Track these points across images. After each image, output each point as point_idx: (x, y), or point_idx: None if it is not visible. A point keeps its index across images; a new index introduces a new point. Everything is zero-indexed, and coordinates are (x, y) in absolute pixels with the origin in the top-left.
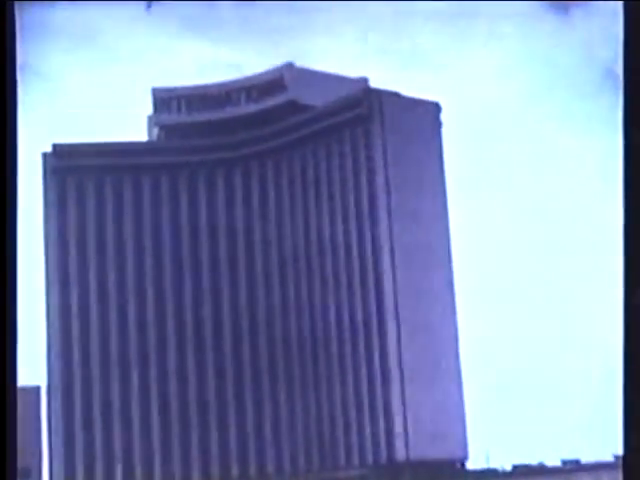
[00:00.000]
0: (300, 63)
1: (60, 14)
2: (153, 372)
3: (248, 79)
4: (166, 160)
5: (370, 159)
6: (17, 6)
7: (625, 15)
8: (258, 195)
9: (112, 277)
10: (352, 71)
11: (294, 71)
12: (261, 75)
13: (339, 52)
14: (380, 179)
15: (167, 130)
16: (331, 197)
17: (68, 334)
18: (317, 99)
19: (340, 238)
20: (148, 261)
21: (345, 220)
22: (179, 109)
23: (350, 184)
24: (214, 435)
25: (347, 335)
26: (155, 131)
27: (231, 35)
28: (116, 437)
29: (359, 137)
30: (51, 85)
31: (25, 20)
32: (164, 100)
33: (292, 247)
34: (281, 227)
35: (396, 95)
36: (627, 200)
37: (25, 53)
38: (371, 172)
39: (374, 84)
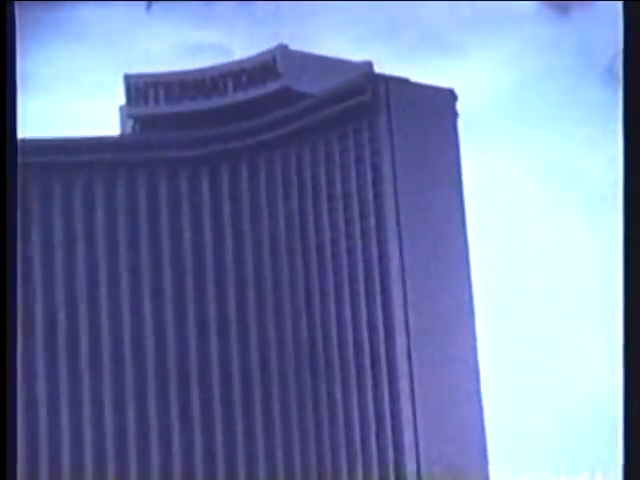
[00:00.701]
0: (295, 47)
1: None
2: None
3: (236, 63)
4: (142, 156)
5: (375, 154)
6: (17, 6)
7: (625, 15)
8: (248, 195)
9: (82, 286)
10: (354, 55)
11: (288, 54)
12: (250, 59)
13: (339, 35)
14: (387, 176)
15: (142, 123)
16: (331, 198)
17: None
18: (315, 86)
19: (342, 243)
20: (123, 271)
21: (348, 223)
22: (156, 98)
23: (353, 183)
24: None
25: (349, 352)
26: (129, 124)
27: (218, 14)
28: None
29: (362, 129)
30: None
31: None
32: (138, 88)
33: (287, 252)
34: (275, 230)
35: (405, 81)
36: (627, 202)
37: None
38: (376, 169)
39: (379, 69)
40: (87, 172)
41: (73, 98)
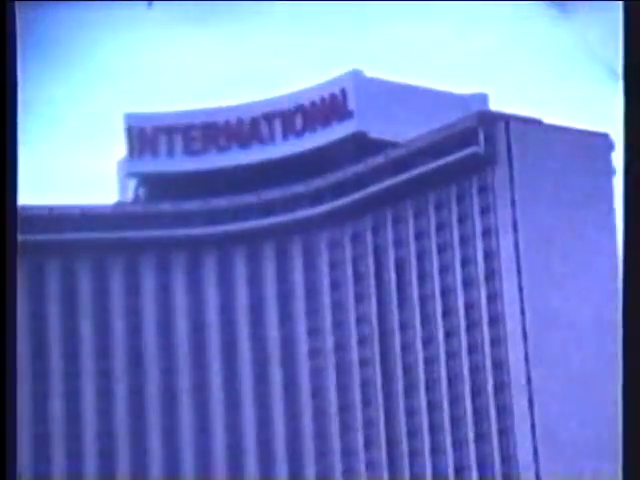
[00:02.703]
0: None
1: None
2: None
3: (288, 99)
4: (150, 235)
5: (493, 232)
6: (17, 6)
7: (625, 15)
8: (329, 281)
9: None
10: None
11: (363, 84)
12: (309, 92)
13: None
14: (507, 256)
15: (150, 184)
16: (444, 269)
17: None
18: (399, 130)
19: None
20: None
21: (470, 308)
22: (170, 149)
23: (457, 257)
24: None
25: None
26: (131, 185)
27: (259, 27)
28: None
29: (473, 191)
30: None
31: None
32: (145, 134)
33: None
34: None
35: (536, 123)
36: (627, 203)
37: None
38: (492, 245)
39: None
40: (75, 252)
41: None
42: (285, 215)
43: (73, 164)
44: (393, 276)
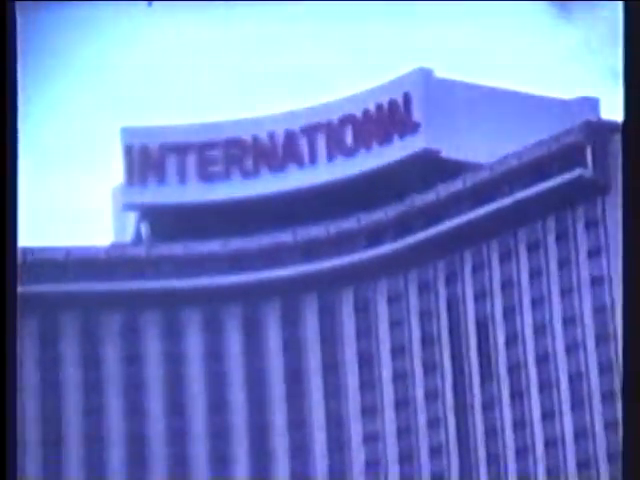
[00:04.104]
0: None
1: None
2: None
3: (334, 107)
4: (158, 286)
5: (602, 275)
6: (17, 6)
7: (625, 15)
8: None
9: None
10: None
11: (432, 87)
12: (361, 98)
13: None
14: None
15: (155, 218)
16: (540, 330)
17: None
18: (481, 147)
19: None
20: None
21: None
22: (181, 173)
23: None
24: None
25: None
26: (129, 220)
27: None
28: None
29: (578, 227)
30: None
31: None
32: (148, 153)
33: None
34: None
35: None
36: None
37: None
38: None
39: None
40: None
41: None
42: (330, 259)
43: (53, 191)
44: (473, 339)
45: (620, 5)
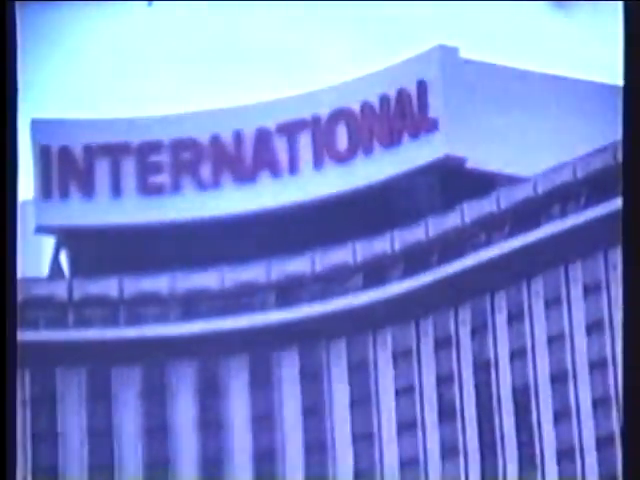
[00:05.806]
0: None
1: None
2: None
3: (320, 98)
4: (87, 337)
5: None
6: (17, 6)
7: (625, 15)
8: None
9: None
10: None
11: (455, 71)
12: (358, 86)
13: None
14: None
15: (78, 245)
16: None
17: None
18: (517, 154)
19: None
20: None
21: None
22: (115, 184)
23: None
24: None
25: None
26: (44, 247)
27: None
28: None
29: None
30: None
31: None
32: (68, 156)
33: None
34: None
35: None
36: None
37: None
38: None
39: None
40: None
41: None
42: (315, 304)
43: None
44: (510, 403)
45: (620, 5)
